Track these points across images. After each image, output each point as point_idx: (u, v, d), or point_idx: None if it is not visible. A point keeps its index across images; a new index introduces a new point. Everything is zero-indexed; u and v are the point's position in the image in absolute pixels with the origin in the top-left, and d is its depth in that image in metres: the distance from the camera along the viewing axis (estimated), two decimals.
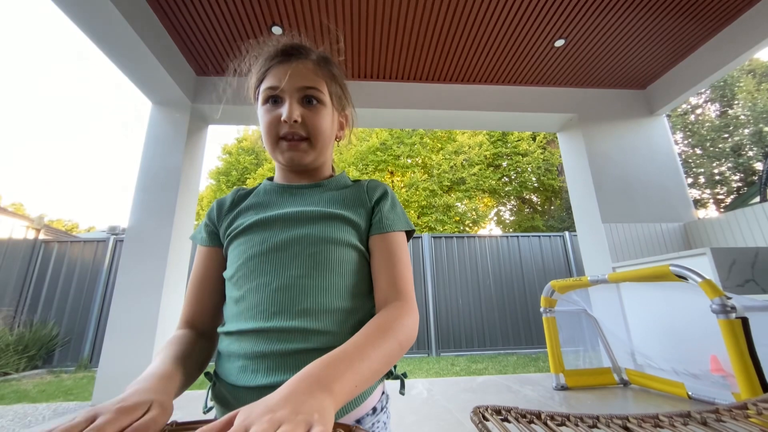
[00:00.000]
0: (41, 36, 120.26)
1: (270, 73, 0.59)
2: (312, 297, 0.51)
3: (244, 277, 0.53)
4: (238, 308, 0.53)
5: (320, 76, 0.60)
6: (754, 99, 9.81)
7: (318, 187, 0.63)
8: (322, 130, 0.59)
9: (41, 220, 5.42)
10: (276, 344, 0.48)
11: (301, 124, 0.57)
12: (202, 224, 0.64)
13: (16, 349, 4.07)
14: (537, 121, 3.37)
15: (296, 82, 0.58)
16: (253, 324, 0.50)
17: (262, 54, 0.63)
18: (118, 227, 5.47)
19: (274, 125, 0.58)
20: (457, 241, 5.51)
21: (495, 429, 0.44)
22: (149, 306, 2.45)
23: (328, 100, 0.61)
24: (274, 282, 0.52)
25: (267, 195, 0.63)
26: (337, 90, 0.64)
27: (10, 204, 19.08)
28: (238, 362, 0.50)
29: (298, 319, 0.49)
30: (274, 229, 0.56)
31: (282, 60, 0.59)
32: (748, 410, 0.48)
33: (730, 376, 1.71)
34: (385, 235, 0.58)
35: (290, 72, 0.58)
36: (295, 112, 0.56)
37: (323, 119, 0.60)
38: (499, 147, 10.38)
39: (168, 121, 2.87)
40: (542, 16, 2.52)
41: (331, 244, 0.54)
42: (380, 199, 0.62)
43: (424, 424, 1.81)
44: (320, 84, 0.60)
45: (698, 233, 2.83)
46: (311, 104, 0.59)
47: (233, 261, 0.56)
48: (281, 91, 0.57)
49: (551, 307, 2.49)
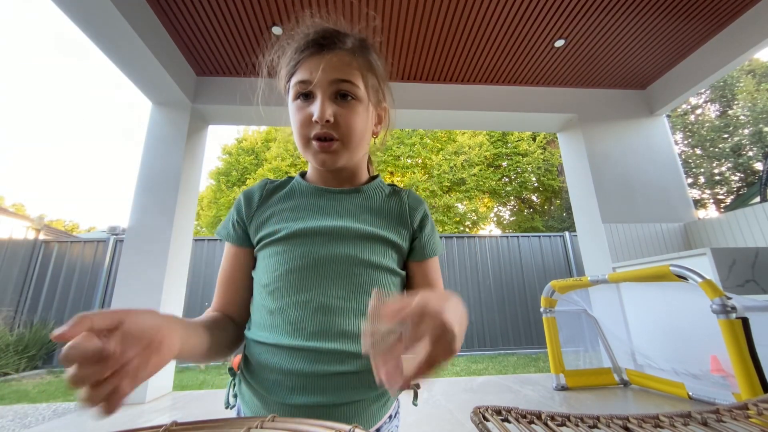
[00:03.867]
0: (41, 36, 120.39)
1: (301, 66, 0.55)
2: (351, 320, 0.51)
3: (282, 290, 0.52)
4: (273, 319, 0.52)
5: (356, 67, 0.55)
6: (754, 99, 9.81)
7: (357, 193, 0.60)
8: (356, 130, 0.55)
9: (41, 221, 5.42)
10: (313, 365, 0.48)
11: (334, 124, 0.53)
12: (230, 220, 0.61)
13: (17, 349, 4.07)
14: (537, 121, 3.37)
15: (329, 75, 0.53)
16: (290, 341, 0.49)
17: (292, 43, 0.57)
18: (118, 227, 5.47)
19: (305, 125, 0.54)
20: (457, 241, 5.51)
21: (495, 429, 0.44)
22: (149, 306, 2.44)
23: (364, 94, 0.56)
24: (314, 301, 0.51)
25: (303, 198, 0.59)
26: (374, 81, 0.59)
27: (10, 204, 19.08)
28: (272, 375, 0.50)
29: (337, 341, 0.49)
30: (315, 243, 0.53)
31: (314, 51, 0.54)
32: (748, 410, 0.48)
33: (731, 377, 1.71)
34: (425, 261, 0.58)
35: (323, 65, 0.53)
36: (327, 111, 0.52)
37: (358, 117, 0.55)
38: (499, 147, 10.38)
39: (168, 121, 2.87)
40: (542, 16, 2.52)
41: (372, 268, 0.54)
42: (422, 223, 0.60)
43: (424, 424, 1.80)
44: (355, 76, 0.54)
45: (698, 233, 2.83)
46: (345, 100, 0.54)
47: (269, 269, 0.54)
48: (312, 85, 0.53)
49: (551, 307, 2.49)
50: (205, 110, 3.03)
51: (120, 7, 2.01)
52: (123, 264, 2.53)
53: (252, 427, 0.32)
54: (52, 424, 1.98)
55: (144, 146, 2.81)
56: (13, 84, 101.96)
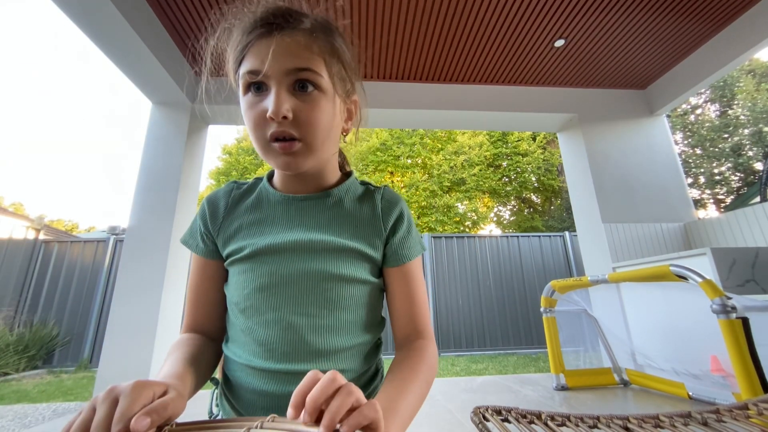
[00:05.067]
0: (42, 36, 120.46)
1: (249, 52, 0.45)
2: (323, 337, 0.49)
3: (252, 309, 0.50)
4: (245, 338, 0.51)
5: (316, 51, 0.46)
6: (754, 99, 9.81)
7: (327, 197, 0.55)
8: (320, 127, 0.47)
9: (41, 220, 5.42)
10: (286, 386, 0.47)
11: (293, 121, 0.45)
12: (196, 229, 0.56)
13: (17, 349, 4.06)
14: (537, 121, 3.37)
15: (283, 63, 0.44)
16: (261, 362, 0.48)
17: (238, 24, 0.48)
18: (118, 227, 5.47)
19: (261, 124, 0.46)
20: (457, 241, 5.51)
21: (495, 429, 0.44)
22: (149, 306, 2.45)
23: (329, 84, 0.48)
24: (284, 320, 0.48)
25: (270, 208, 0.55)
26: (340, 69, 0.50)
27: (10, 204, 19.08)
28: (246, 394, 0.50)
29: (310, 362, 0.48)
30: (283, 259, 0.50)
31: (263, 33, 0.45)
32: (748, 410, 0.48)
33: (731, 377, 1.71)
34: (402, 266, 0.54)
35: (273, 48, 0.44)
36: (283, 105, 0.43)
37: (322, 112, 0.47)
38: (499, 147, 10.38)
39: (168, 121, 2.87)
40: (542, 16, 2.51)
41: (344, 282, 0.51)
42: (396, 225, 0.55)
43: (424, 424, 1.80)
44: (316, 63, 0.46)
45: (698, 233, 2.83)
46: (306, 91, 0.46)
47: (238, 287, 0.52)
48: (264, 76, 0.44)
49: (551, 307, 2.49)
50: (205, 110, 3.03)
51: (120, 7, 2.01)
52: (123, 264, 2.52)
53: (252, 427, 0.32)
54: (52, 424, 1.98)
55: (144, 146, 2.80)
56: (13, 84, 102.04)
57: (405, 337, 0.52)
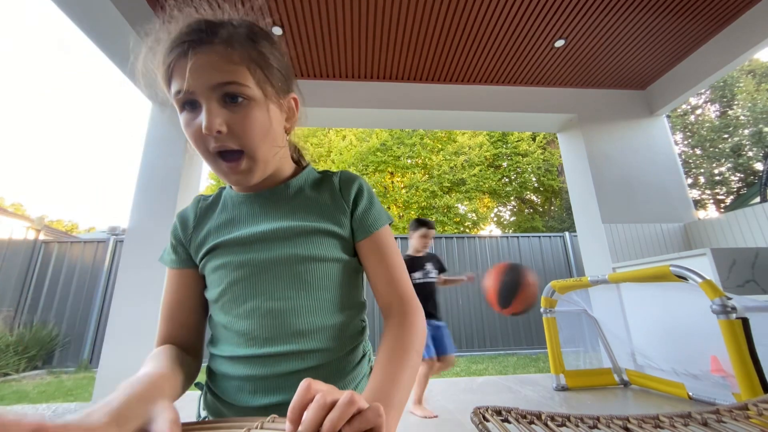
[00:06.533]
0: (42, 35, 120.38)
1: (173, 72, 0.45)
2: (303, 318, 0.50)
3: (229, 303, 0.51)
4: (227, 333, 0.52)
5: (237, 61, 0.45)
6: (754, 99, 9.81)
7: (287, 189, 0.56)
8: (257, 136, 0.47)
9: (41, 221, 5.42)
10: (272, 367, 0.48)
11: (229, 133, 0.45)
12: (168, 245, 0.59)
13: (16, 350, 4.06)
14: (537, 121, 3.38)
15: (206, 80, 0.44)
16: (245, 351, 0.49)
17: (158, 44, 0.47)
18: (119, 228, 5.47)
19: (199, 139, 0.46)
20: (457, 241, 5.51)
21: (495, 430, 0.44)
22: (149, 306, 2.45)
23: (258, 92, 0.47)
24: (261, 307, 0.50)
25: (235, 208, 0.56)
26: (269, 75, 0.49)
27: (10, 204, 19.09)
28: (233, 382, 0.50)
29: (291, 342, 0.49)
30: (253, 250, 0.52)
31: (180, 53, 0.44)
32: (748, 411, 0.48)
33: (731, 377, 1.71)
34: (372, 237, 0.55)
35: (190, 67, 0.43)
36: (215, 120, 0.44)
37: (255, 121, 0.47)
38: (499, 147, 10.38)
39: (168, 121, 2.87)
40: (542, 16, 2.52)
41: (316, 262, 0.52)
42: (357, 199, 0.56)
43: (425, 424, 1.80)
44: (239, 74, 0.45)
45: (698, 234, 2.83)
46: (236, 102, 0.46)
47: (214, 285, 0.53)
48: (191, 93, 0.44)
49: (551, 308, 2.49)
50: None
51: (119, 7, 2.02)
52: (123, 264, 2.52)
53: (252, 428, 0.32)
54: None
55: (144, 146, 2.80)
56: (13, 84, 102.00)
57: (388, 306, 0.53)
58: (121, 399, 0.32)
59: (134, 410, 0.32)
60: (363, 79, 3.14)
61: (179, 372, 0.45)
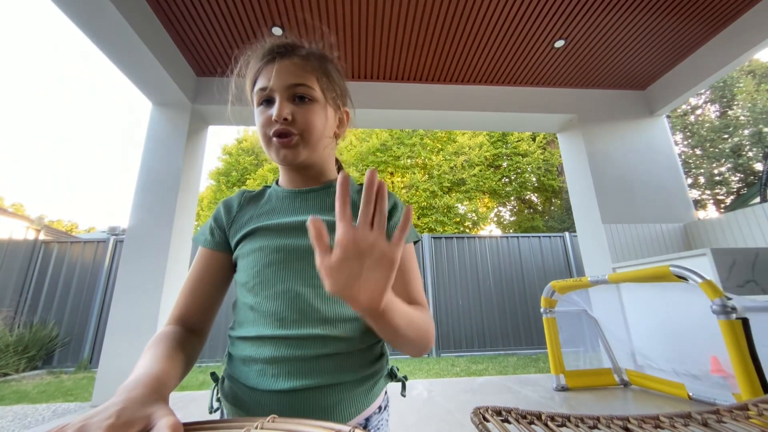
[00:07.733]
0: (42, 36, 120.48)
1: (260, 75, 0.59)
2: (330, 306, 0.53)
3: (261, 284, 0.54)
4: (254, 314, 0.54)
5: (309, 71, 0.59)
6: (754, 100, 9.81)
7: (327, 189, 0.63)
8: (314, 126, 0.58)
9: (41, 221, 5.42)
10: (296, 350, 0.50)
11: (292, 122, 0.57)
12: (207, 226, 0.63)
13: (16, 350, 4.06)
14: (537, 121, 3.38)
15: (284, 80, 0.57)
16: (272, 331, 0.52)
17: (253, 56, 0.62)
18: (118, 227, 5.48)
19: (266, 125, 0.58)
20: (457, 241, 5.50)
21: (495, 430, 0.44)
22: (149, 306, 2.45)
23: (321, 96, 0.60)
24: (291, 291, 0.53)
25: (278, 201, 0.63)
26: (330, 86, 0.62)
27: (10, 204, 19.07)
28: (255, 366, 0.52)
29: (317, 327, 0.52)
30: (289, 237, 0.56)
31: (270, 60, 0.59)
32: (748, 411, 0.48)
33: (731, 377, 1.71)
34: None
35: (276, 69, 0.57)
36: (284, 110, 0.56)
37: (315, 115, 0.58)
38: (499, 148, 10.38)
39: (168, 121, 2.87)
40: (542, 16, 2.52)
41: None
42: (392, 213, 0.61)
43: (425, 424, 1.80)
44: (310, 80, 0.58)
45: (698, 234, 2.83)
46: (303, 101, 0.58)
47: (248, 267, 0.57)
48: (271, 90, 0.57)
49: (551, 308, 2.49)
50: (205, 110, 3.03)
51: (120, 8, 2.02)
52: (123, 264, 2.53)
53: (252, 428, 0.32)
54: (52, 425, 1.98)
55: (144, 146, 2.81)
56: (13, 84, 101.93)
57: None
58: (119, 406, 0.32)
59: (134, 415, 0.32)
60: (363, 79, 3.14)
61: (179, 359, 0.47)
